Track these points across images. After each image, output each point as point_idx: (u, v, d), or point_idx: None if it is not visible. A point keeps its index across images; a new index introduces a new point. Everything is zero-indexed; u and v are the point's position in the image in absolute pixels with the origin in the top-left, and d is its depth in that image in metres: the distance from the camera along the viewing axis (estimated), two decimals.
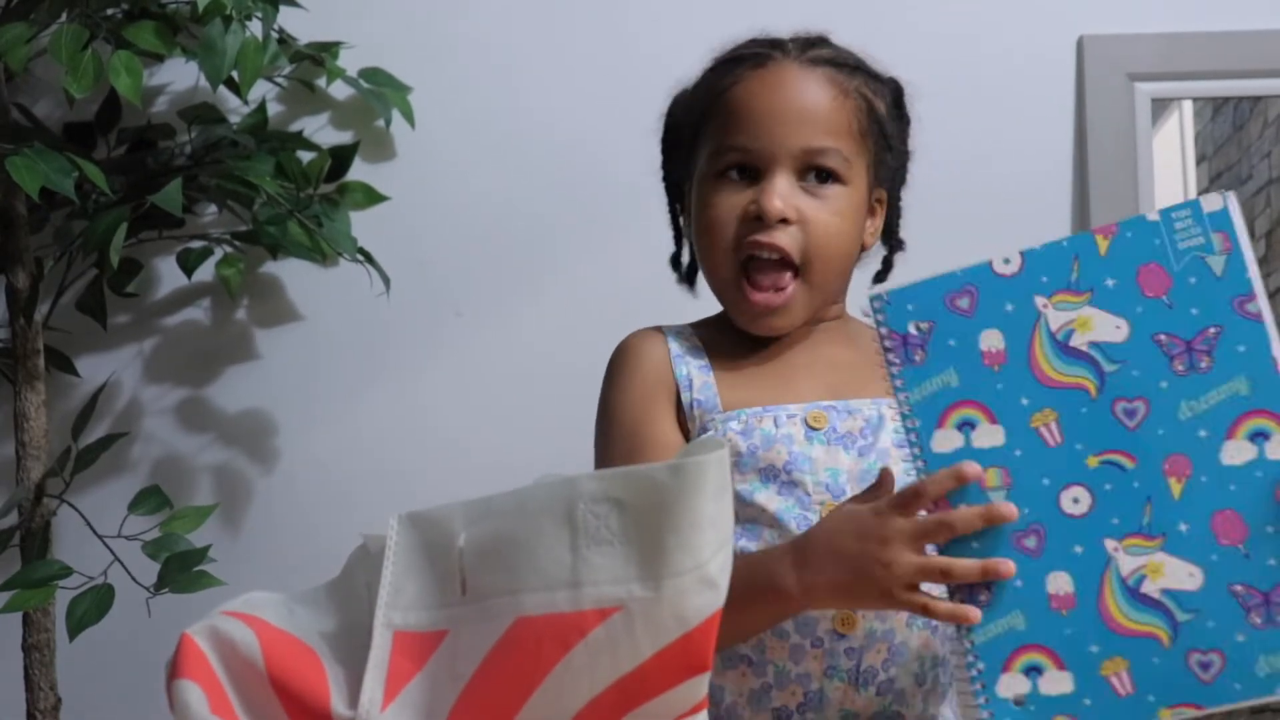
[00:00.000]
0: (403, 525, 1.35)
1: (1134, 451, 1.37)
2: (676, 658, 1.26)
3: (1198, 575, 1.35)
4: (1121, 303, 1.38)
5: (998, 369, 1.40)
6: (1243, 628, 1.34)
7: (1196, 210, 1.37)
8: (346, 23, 2.47)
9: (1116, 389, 1.38)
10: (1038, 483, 1.39)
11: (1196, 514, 1.35)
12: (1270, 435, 1.34)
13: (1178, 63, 2.40)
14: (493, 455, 2.39)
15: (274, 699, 1.31)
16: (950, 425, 1.41)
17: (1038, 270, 1.40)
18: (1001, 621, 1.39)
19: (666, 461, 1.26)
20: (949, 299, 1.42)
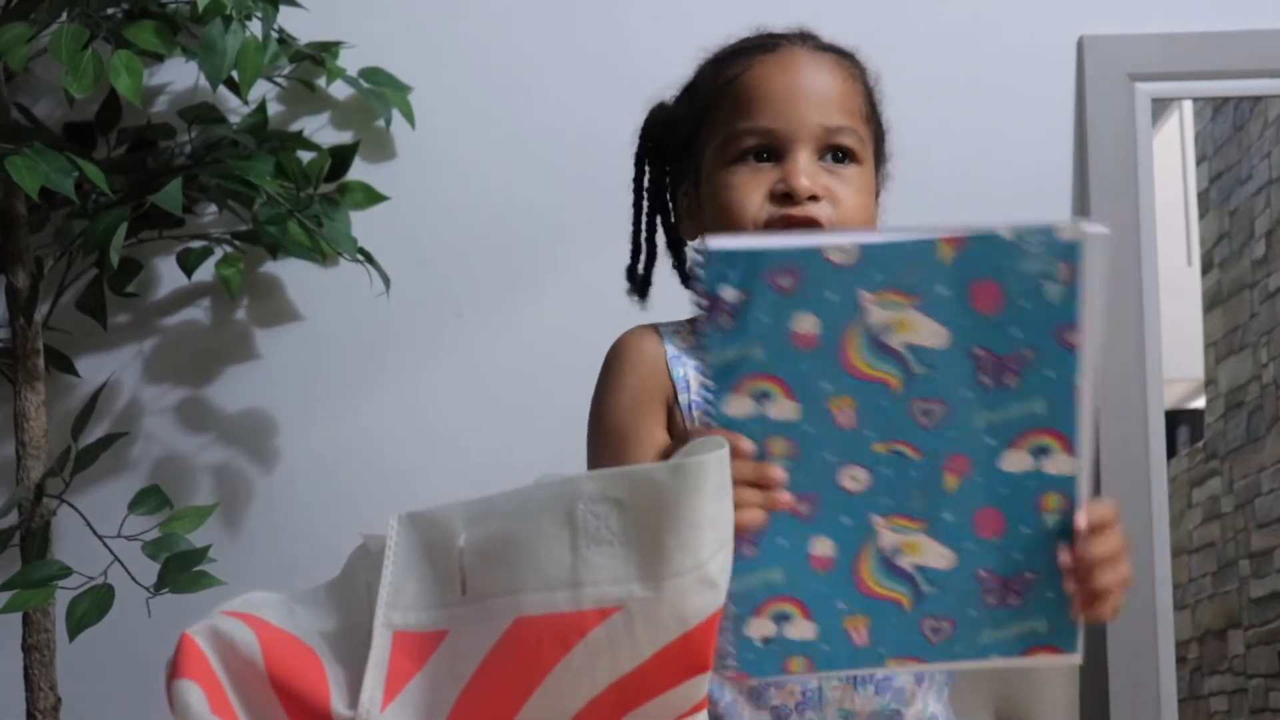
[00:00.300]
0: (403, 525, 1.35)
1: (921, 446, 1.39)
2: (676, 658, 1.26)
3: (949, 558, 1.40)
4: (949, 313, 1.36)
5: (805, 350, 1.38)
6: (977, 605, 1.40)
7: (1051, 238, 1.35)
8: (346, 22, 2.47)
9: (919, 389, 1.38)
10: (821, 457, 1.40)
11: (963, 507, 1.39)
12: (1050, 452, 1.37)
13: (1178, 63, 2.39)
14: (493, 455, 2.39)
15: (274, 699, 1.31)
16: (746, 393, 1.40)
17: (873, 266, 1.36)
18: (761, 574, 1.41)
19: (667, 461, 1.26)
20: (770, 275, 1.37)
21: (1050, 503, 1.38)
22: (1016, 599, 1.40)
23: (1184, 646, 2.34)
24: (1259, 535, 2.35)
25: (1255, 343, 2.37)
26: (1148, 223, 2.36)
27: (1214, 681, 2.36)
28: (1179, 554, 2.34)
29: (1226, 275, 2.41)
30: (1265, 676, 2.33)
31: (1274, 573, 2.34)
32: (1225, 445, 2.38)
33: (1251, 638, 2.35)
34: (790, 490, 1.40)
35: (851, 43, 2.50)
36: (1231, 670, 2.35)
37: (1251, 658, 2.34)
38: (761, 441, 1.40)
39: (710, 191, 1.75)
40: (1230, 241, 2.41)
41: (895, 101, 2.43)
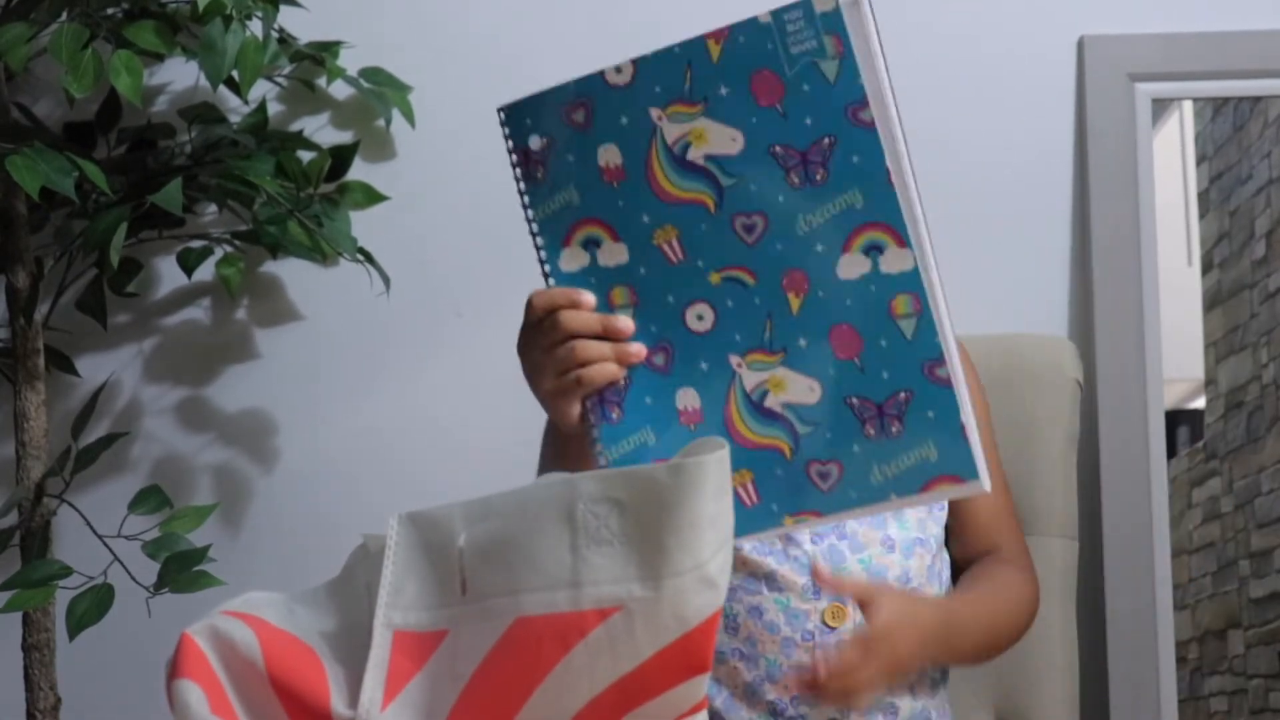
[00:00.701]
0: (403, 525, 1.35)
1: (753, 267, 1.36)
2: (676, 658, 1.26)
3: (816, 389, 1.36)
4: (736, 113, 1.33)
5: (617, 185, 1.37)
6: (858, 439, 1.34)
7: (808, 11, 1.30)
8: (347, 22, 2.47)
9: (735, 204, 1.35)
10: (664, 300, 1.39)
11: (814, 329, 1.35)
12: (884, 248, 1.32)
13: (1178, 63, 2.39)
14: (493, 455, 2.38)
15: (274, 699, 1.31)
16: (576, 244, 1.40)
17: (651, 80, 1.35)
18: (633, 438, 1.41)
19: (666, 461, 1.26)
20: (565, 113, 1.38)
21: (900, 306, 1.32)
22: (897, 424, 1.33)
23: (1184, 647, 2.34)
24: (1259, 535, 2.35)
25: (1255, 343, 2.37)
26: (1148, 223, 2.36)
27: (1214, 682, 2.36)
28: (1179, 554, 2.34)
29: (1226, 275, 2.41)
30: (1265, 677, 2.33)
31: (1274, 573, 2.34)
32: (1225, 445, 2.38)
33: (1251, 638, 2.35)
34: (642, 341, 1.40)
35: None
36: (1231, 670, 2.35)
37: (1251, 658, 2.34)
38: (605, 294, 1.40)
39: None
40: (1230, 242, 2.41)
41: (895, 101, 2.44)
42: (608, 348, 1.41)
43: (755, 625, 1.67)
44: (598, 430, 1.44)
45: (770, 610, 1.68)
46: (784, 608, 1.67)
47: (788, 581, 1.68)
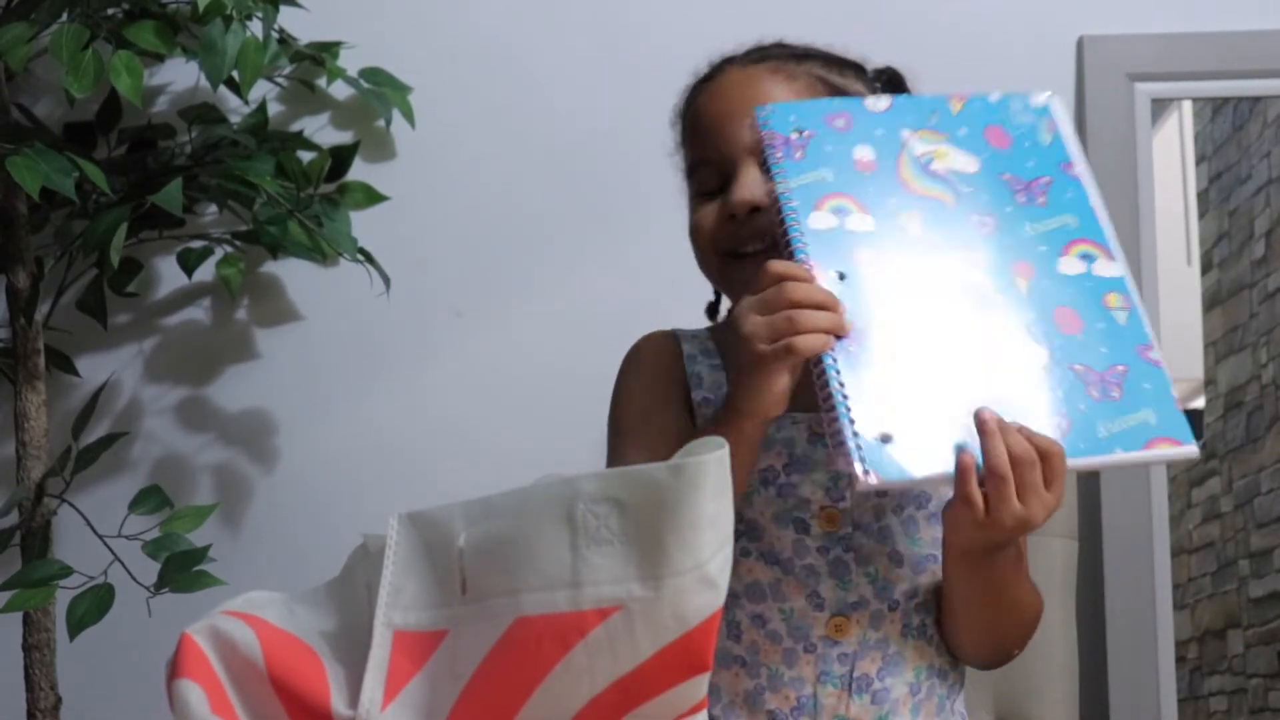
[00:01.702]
0: (402, 525, 1.35)
1: (985, 253, 1.54)
2: (676, 658, 1.26)
3: (1043, 355, 1.50)
4: (973, 147, 1.58)
5: (868, 174, 1.56)
6: (1084, 399, 1.48)
7: (1025, 103, 1.64)
8: (347, 23, 2.47)
9: (970, 206, 1.55)
10: (901, 263, 1.54)
11: (1041, 307, 1.51)
12: (1095, 258, 1.53)
13: (1177, 63, 2.40)
14: (493, 454, 2.39)
15: (274, 698, 1.31)
16: (826, 209, 1.55)
17: (903, 113, 1.60)
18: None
19: (666, 461, 1.26)
20: (827, 118, 1.59)
21: (1113, 300, 1.51)
22: (1117, 390, 1.48)
23: (1184, 646, 2.34)
24: (1258, 535, 2.36)
25: (1255, 343, 2.37)
26: (1147, 223, 2.36)
27: (1214, 681, 2.36)
28: (1179, 554, 2.34)
29: (1226, 275, 2.41)
30: (1265, 676, 2.33)
31: (1273, 573, 2.34)
32: (1225, 445, 2.39)
33: (1251, 638, 2.35)
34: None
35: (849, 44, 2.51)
36: (1231, 670, 2.35)
37: (1251, 658, 2.34)
38: (850, 253, 1.53)
39: (690, 221, 1.78)
40: (1230, 241, 2.41)
41: None
42: (824, 319, 1.49)
43: (758, 634, 1.67)
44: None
45: (773, 620, 1.67)
46: (787, 618, 1.66)
47: (792, 592, 1.67)
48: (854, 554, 1.67)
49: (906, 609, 1.68)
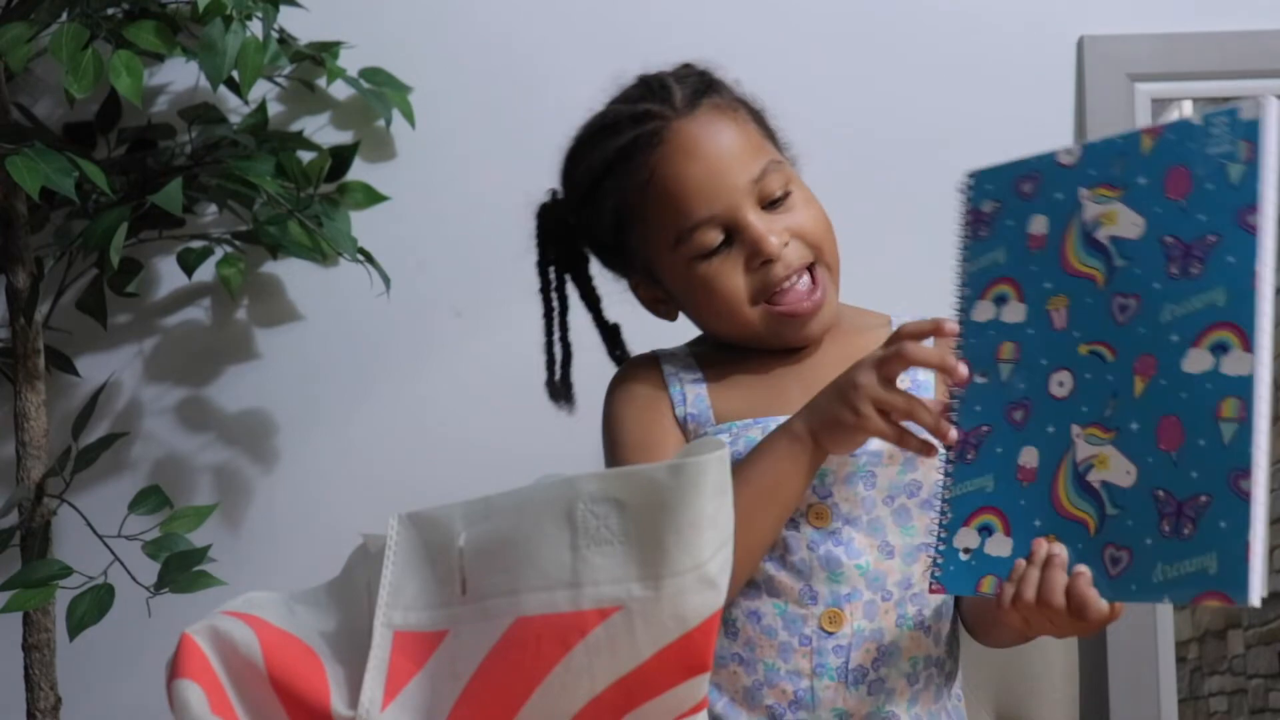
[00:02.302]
0: (403, 525, 1.36)
1: (1116, 345, 1.45)
2: (676, 658, 1.27)
3: (1133, 474, 1.42)
4: (1145, 201, 1.44)
5: (1035, 252, 1.51)
6: (1153, 533, 1.40)
7: (1233, 117, 1.41)
8: (346, 22, 2.46)
9: (1119, 284, 1.45)
10: (1038, 361, 1.50)
11: (1148, 415, 1.42)
12: (1229, 349, 1.38)
13: (1178, 63, 2.39)
14: (492, 455, 2.39)
15: (274, 698, 1.31)
16: (989, 298, 1.54)
17: (1090, 163, 1.49)
18: (977, 480, 1.52)
19: (666, 461, 1.26)
20: (1017, 183, 1.53)
21: (1227, 409, 1.37)
22: (1190, 526, 1.37)
23: (1184, 646, 2.34)
24: None
25: None
26: None
27: (1214, 682, 2.36)
28: None
29: None
30: (1265, 677, 2.33)
31: (1273, 573, 2.34)
32: None
33: (1251, 638, 2.35)
34: (1010, 398, 1.51)
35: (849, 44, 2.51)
36: (1231, 670, 2.35)
37: (1251, 658, 2.34)
38: (996, 347, 1.52)
39: (689, 289, 1.77)
40: None
41: (895, 102, 2.45)
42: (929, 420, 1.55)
43: (753, 630, 1.67)
44: (951, 466, 1.54)
45: (768, 615, 1.68)
46: (781, 613, 1.67)
47: (785, 587, 1.68)
48: (844, 548, 1.68)
49: (901, 599, 1.70)
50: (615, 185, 1.76)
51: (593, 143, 1.80)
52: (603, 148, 1.78)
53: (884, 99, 2.45)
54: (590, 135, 1.81)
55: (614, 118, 1.78)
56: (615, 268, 1.88)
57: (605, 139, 1.78)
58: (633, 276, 1.85)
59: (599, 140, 1.79)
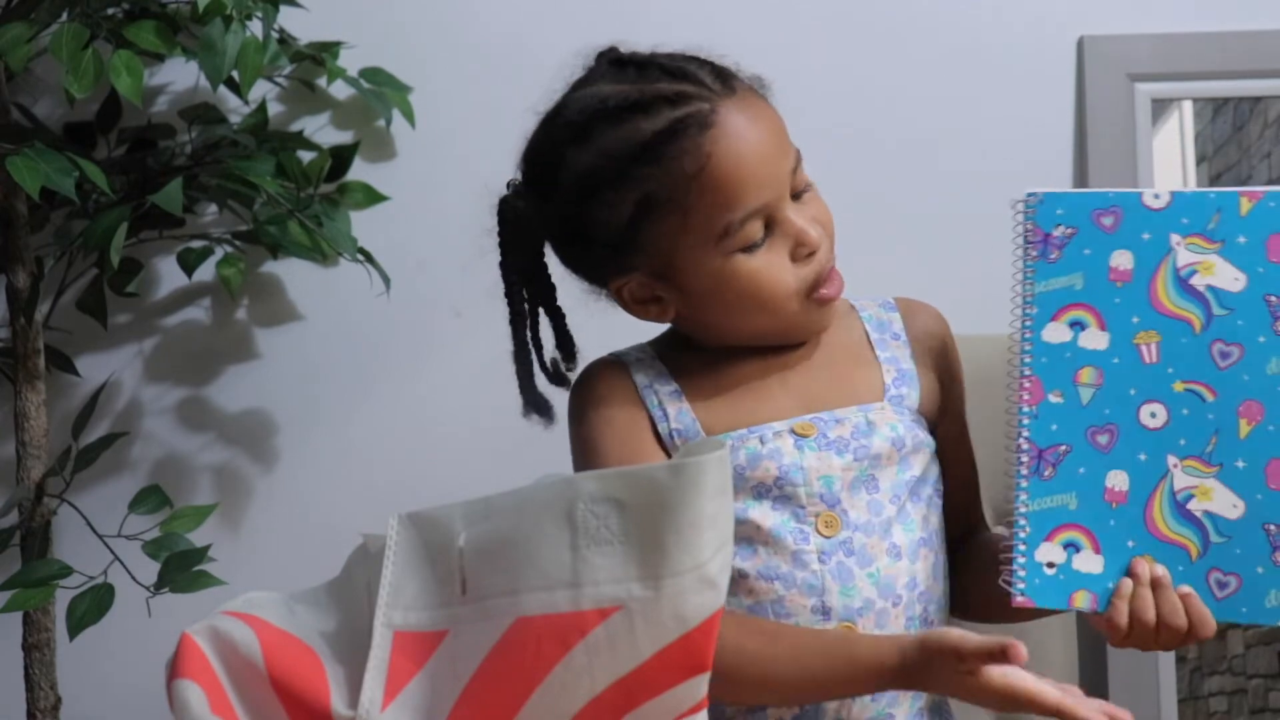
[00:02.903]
0: (403, 525, 1.36)
1: (1217, 388, 1.50)
2: (676, 657, 1.27)
3: (1240, 507, 1.47)
4: (1246, 259, 1.49)
5: (1120, 285, 1.53)
6: (1265, 562, 1.46)
7: None
8: (347, 22, 2.46)
9: (1218, 332, 1.50)
10: (1125, 391, 1.53)
11: (1256, 455, 1.47)
12: None
13: (1178, 63, 2.39)
14: (492, 456, 2.38)
15: (274, 699, 1.32)
16: (1063, 321, 1.56)
17: (1181, 211, 1.52)
18: (1057, 497, 1.54)
19: (667, 461, 1.26)
20: (1096, 214, 1.55)
21: None
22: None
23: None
24: None
25: None
26: None
27: (1213, 682, 2.36)
28: None
29: None
30: (1265, 677, 2.33)
31: None
32: None
33: (1251, 638, 2.34)
34: (1092, 421, 1.53)
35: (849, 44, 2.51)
36: (1231, 670, 2.35)
37: (1251, 658, 2.34)
38: (1074, 371, 1.54)
39: (720, 285, 1.67)
40: None
41: (895, 102, 2.45)
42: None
43: None
44: (1027, 481, 1.56)
45: None
46: None
47: (797, 606, 1.65)
48: (855, 557, 1.66)
49: (910, 601, 1.68)
50: (649, 173, 1.63)
51: (606, 126, 1.65)
52: (627, 131, 1.64)
53: (883, 98, 2.45)
54: (602, 117, 1.66)
55: (638, 98, 1.65)
56: (600, 267, 1.74)
57: (630, 121, 1.64)
58: (629, 276, 1.71)
59: (619, 122, 1.65)
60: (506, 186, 1.79)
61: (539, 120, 1.77)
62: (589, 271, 1.76)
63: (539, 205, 1.74)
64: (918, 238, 2.37)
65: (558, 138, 1.71)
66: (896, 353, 1.78)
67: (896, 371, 1.76)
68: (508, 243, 1.78)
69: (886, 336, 1.80)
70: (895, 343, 1.80)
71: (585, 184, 1.67)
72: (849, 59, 2.46)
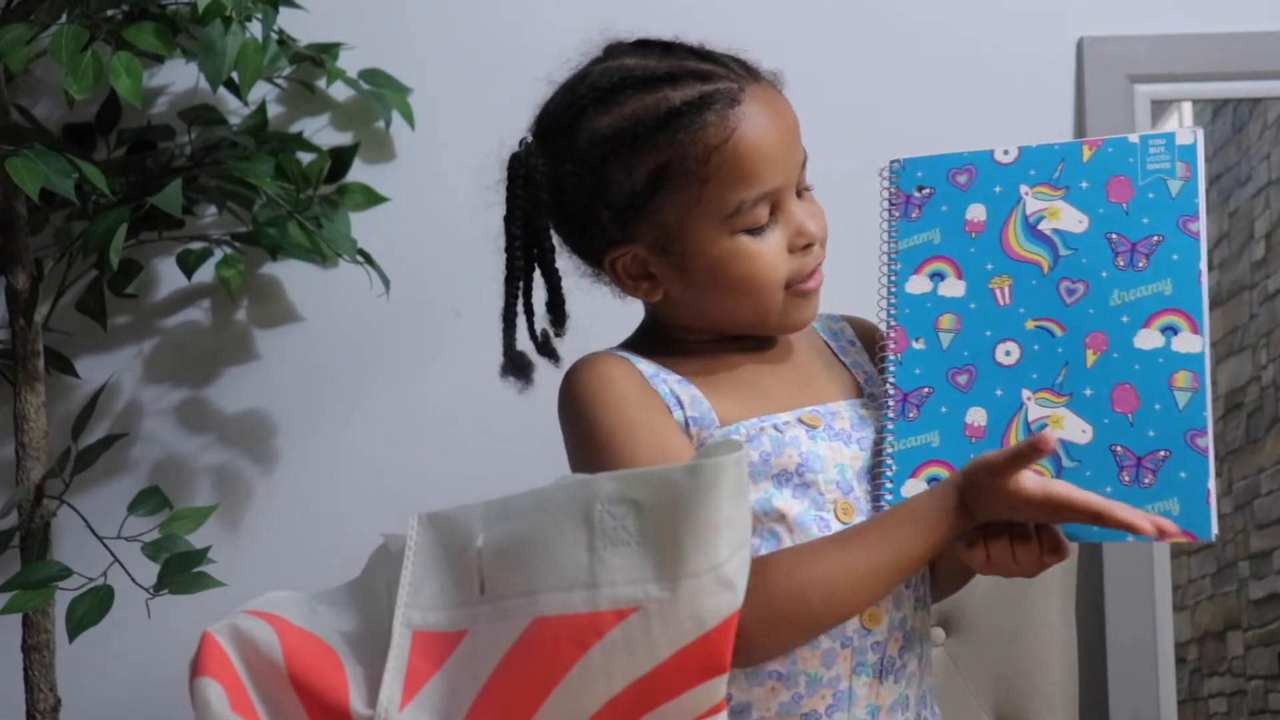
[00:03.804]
0: (422, 525, 1.36)
1: (1064, 322, 1.58)
2: (694, 659, 1.27)
3: (1089, 432, 1.55)
4: (1088, 202, 1.61)
5: (974, 236, 1.64)
6: (1113, 482, 1.52)
7: (1170, 141, 1.61)
8: (346, 23, 2.46)
9: (1065, 270, 1.60)
10: (981, 333, 1.62)
11: (1101, 383, 1.55)
12: (1179, 331, 1.54)
13: (1177, 64, 2.40)
14: (492, 455, 2.39)
15: (294, 697, 1.32)
16: (924, 274, 1.66)
17: (1029, 164, 1.64)
18: (921, 436, 1.62)
19: (683, 463, 1.26)
20: (952, 173, 1.68)
21: (1180, 380, 1.53)
22: (1151, 476, 1.51)
23: (1183, 648, 2.35)
24: (1258, 537, 2.36)
25: (1254, 344, 2.38)
26: None
27: (1213, 683, 2.36)
28: (1178, 555, 2.34)
29: (1226, 276, 2.41)
30: (1264, 678, 2.34)
31: (1273, 574, 2.35)
32: (1224, 446, 2.39)
33: (1251, 639, 2.35)
34: (952, 363, 1.62)
35: (850, 44, 2.51)
36: (1231, 672, 2.36)
37: (1251, 659, 2.35)
38: (935, 318, 1.64)
39: (720, 265, 1.67)
40: (1229, 243, 2.42)
41: (895, 102, 2.45)
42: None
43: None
44: (894, 423, 1.65)
45: None
46: None
47: None
48: None
49: (915, 581, 1.71)
50: (671, 140, 1.63)
51: (633, 92, 1.66)
52: (655, 99, 1.65)
53: (883, 99, 2.46)
54: (629, 83, 1.67)
55: (668, 69, 1.67)
56: (600, 235, 1.71)
57: (658, 90, 1.65)
58: (628, 248, 1.69)
59: (648, 89, 1.66)
60: (519, 144, 1.77)
61: (558, 86, 1.79)
62: (587, 241, 1.75)
63: (552, 164, 1.72)
64: None
65: (580, 100, 1.71)
66: (857, 357, 1.83)
67: (864, 374, 1.79)
68: (515, 199, 1.75)
69: (844, 343, 1.84)
70: (853, 348, 1.84)
71: (604, 147, 1.66)
72: (849, 59, 2.46)
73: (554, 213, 1.74)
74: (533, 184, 1.73)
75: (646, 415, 1.67)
